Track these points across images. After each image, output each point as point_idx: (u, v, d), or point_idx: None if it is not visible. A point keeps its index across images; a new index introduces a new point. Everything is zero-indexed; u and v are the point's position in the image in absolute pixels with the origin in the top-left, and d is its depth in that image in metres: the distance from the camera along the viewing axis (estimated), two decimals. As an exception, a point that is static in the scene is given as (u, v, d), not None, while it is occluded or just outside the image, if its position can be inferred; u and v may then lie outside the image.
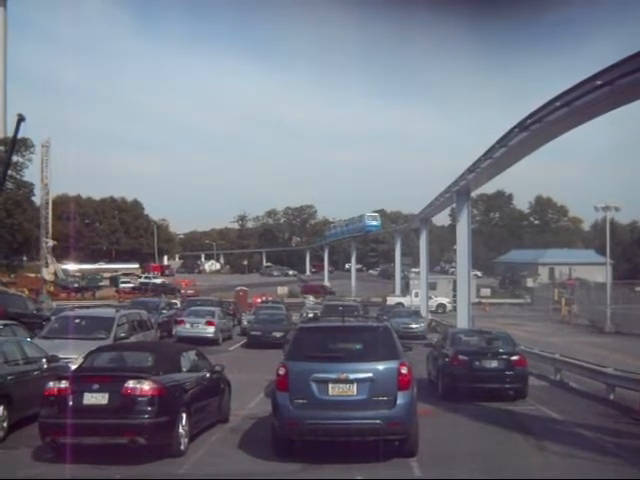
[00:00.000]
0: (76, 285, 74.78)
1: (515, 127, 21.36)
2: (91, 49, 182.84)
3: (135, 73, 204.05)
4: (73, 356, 15.06)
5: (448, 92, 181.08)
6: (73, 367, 13.31)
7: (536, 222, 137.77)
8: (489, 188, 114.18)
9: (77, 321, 18.63)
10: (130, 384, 10.58)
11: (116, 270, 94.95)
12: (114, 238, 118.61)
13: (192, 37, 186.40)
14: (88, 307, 32.29)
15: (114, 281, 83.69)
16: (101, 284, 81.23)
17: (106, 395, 10.54)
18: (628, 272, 75.88)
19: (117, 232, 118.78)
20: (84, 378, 11.02)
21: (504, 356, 17.65)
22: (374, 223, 75.61)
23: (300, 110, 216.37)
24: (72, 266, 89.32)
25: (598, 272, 63.10)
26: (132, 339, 18.20)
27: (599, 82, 14.70)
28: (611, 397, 17.37)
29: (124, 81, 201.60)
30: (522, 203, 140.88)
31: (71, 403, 10.46)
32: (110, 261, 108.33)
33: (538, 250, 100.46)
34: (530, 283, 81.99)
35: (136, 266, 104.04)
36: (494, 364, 17.50)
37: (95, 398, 10.54)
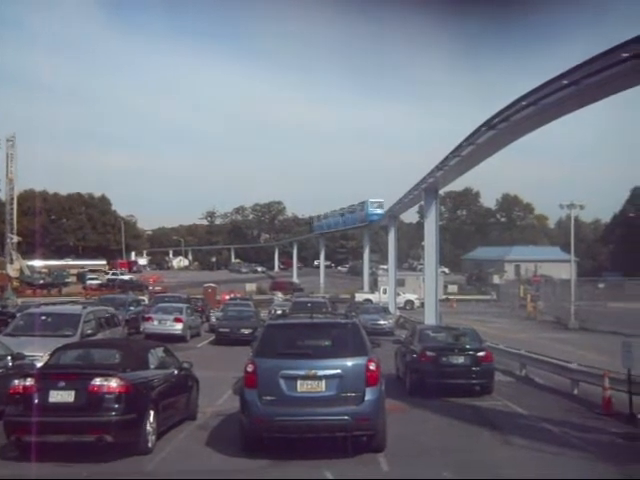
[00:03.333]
0: (42, 282, 73.71)
1: (482, 125, 21.55)
2: (62, 44, 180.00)
3: (106, 69, 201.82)
4: (39, 354, 14.84)
5: (423, 90, 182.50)
6: (39, 365, 13.13)
7: (502, 219, 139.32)
8: (457, 186, 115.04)
9: (43, 318, 18.38)
10: (97, 381, 10.50)
11: (83, 266, 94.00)
12: (81, 234, 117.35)
13: (168, 34, 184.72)
14: (54, 304, 31.97)
15: (81, 278, 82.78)
16: (68, 281, 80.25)
17: (72, 393, 10.44)
18: (592, 269, 77.15)
19: (84, 228, 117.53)
20: (50, 376, 10.91)
21: (471, 352, 17.84)
22: (378, 211, 65.03)
23: (272, 106, 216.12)
24: (38, 262, 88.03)
25: (563, 269, 64.01)
26: (99, 336, 18.01)
27: (565, 81, 14.88)
28: (575, 392, 17.66)
29: (95, 77, 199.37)
30: (489, 201, 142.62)
31: (37, 401, 10.35)
32: (77, 257, 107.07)
33: (504, 247, 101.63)
34: (496, 280, 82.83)
35: (103, 262, 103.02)
36: (461, 360, 17.67)
37: (61, 396, 10.44)
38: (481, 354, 17.83)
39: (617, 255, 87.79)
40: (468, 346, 18.19)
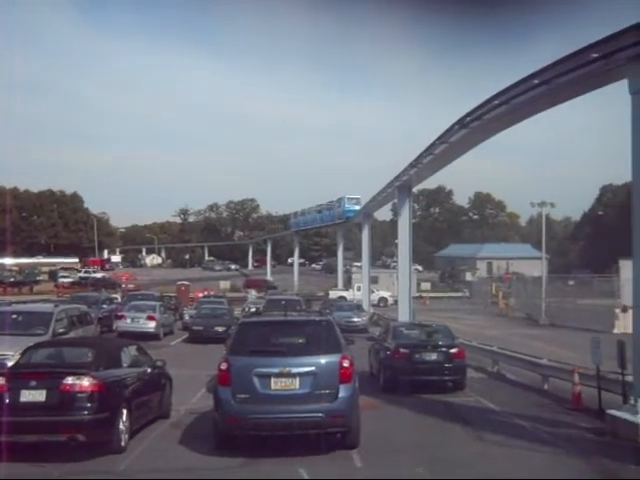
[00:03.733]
0: (12, 279, 72.77)
1: (455, 124, 21.71)
2: (31, 39, 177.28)
3: (78, 65, 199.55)
4: (9, 353, 14.68)
5: (397, 89, 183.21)
6: (10, 364, 13.00)
7: (475, 217, 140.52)
8: (430, 184, 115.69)
9: (14, 316, 18.11)
10: (69, 380, 10.42)
11: (55, 264, 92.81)
12: (53, 232, 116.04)
13: (138, 28, 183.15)
14: (25, 302, 31.61)
15: (53, 276, 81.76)
16: (39, 279, 79.25)
17: (44, 392, 10.36)
18: (562, 266, 78.03)
19: (56, 226, 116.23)
20: (21, 375, 10.81)
21: (444, 349, 17.98)
22: (355, 208, 62.75)
23: (245, 103, 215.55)
24: (9, 260, 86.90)
25: (534, 266, 64.66)
26: (71, 334, 17.84)
27: (536, 81, 15.04)
28: (546, 388, 17.90)
29: (65, 72, 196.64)
30: (462, 198, 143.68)
31: (7, 400, 10.25)
32: (48, 255, 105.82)
33: (477, 245, 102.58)
34: (469, 277, 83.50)
35: (75, 260, 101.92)
36: (434, 357, 17.82)
37: (32, 395, 10.35)
38: (454, 351, 17.99)
39: (586, 252, 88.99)
40: (441, 343, 18.33)
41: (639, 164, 12.49)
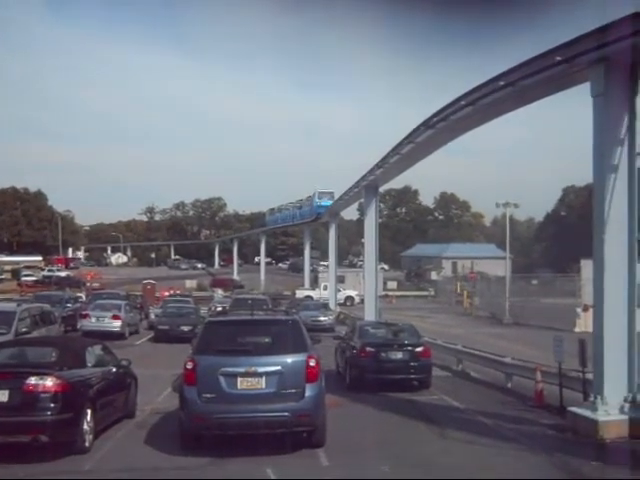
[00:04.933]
0: (-26, 278, 71.53)
1: (422, 125, 21.85)
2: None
3: (41, 61, 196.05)
4: (-30, 352, 14.42)
5: (365, 88, 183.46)
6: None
7: (440, 217, 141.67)
8: (396, 183, 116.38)
9: (-25, 316, 17.84)
10: (32, 380, 10.30)
11: (18, 262, 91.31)
12: (16, 230, 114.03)
13: (106, 25, 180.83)
14: (-14, 301, 31.03)
15: (16, 274, 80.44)
16: (2, 277, 77.99)
17: (6, 392, 10.22)
18: (526, 266, 79.06)
19: (19, 224, 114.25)
20: (-17, 375, 10.63)
21: (409, 347, 18.13)
22: (328, 203, 56.47)
23: (213, 102, 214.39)
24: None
25: (498, 266, 65.45)
26: (34, 334, 17.61)
27: (502, 82, 15.21)
28: (509, 385, 18.15)
29: (30, 69, 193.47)
30: (428, 198, 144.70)
31: (-31, 401, 10.09)
32: (11, 253, 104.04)
33: (442, 244, 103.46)
34: (434, 276, 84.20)
35: (39, 259, 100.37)
36: (400, 355, 17.96)
37: (-5, 395, 10.20)
38: (419, 349, 18.15)
39: (549, 252, 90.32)
40: (407, 342, 18.48)
41: (600, 165, 12.75)
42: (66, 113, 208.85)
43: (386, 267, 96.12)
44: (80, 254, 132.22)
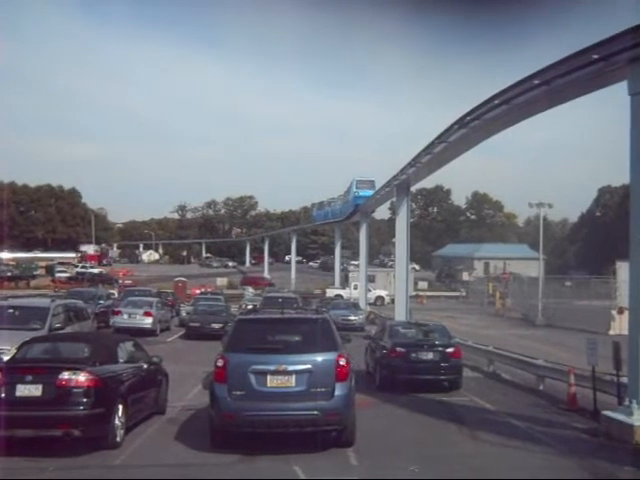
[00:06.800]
0: (10, 274, 72.63)
1: (455, 124, 21.68)
2: (27, 33, 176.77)
3: (74, 58, 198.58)
4: (6, 347, 14.61)
5: (396, 88, 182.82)
6: (6, 358, 12.96)
7: (472, 217, 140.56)
8: (428, 183, 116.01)
9: (10, 311, 18.04)
10: (65, 375, 10.42)
11: (52, 259, 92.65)
12: (50, 226, 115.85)
13: (135, 22, 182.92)
14: (22, 297, 31.55)
15: (50, 270, 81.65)
16: (36, 273, 79.16)
17: (40, 387, 10.35)
18: (559, 267, 78.16)
19: (53, 220, 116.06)
20: (17, 369, 10.78)
21: (440, 348, 18.01)
22: (368, 193, 49.33)
23: (244, 101, 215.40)
24: (6, 254, 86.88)
25: (531, 267, 64.76)
26: (68, 329, 17.80)
27: (537, 81, 15.03)
28: (541, 388, 17.93)
29: (62, 66, 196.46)
30: (460, 198, 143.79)
31: (3, 395, 10.25)
32: (46, 250, 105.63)
33: (474, 244, 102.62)
34: (466, 277, 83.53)
35: (73, 255, 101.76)
36: (430, 356, 17.85)
37: (28, 390, 10.34)
38: (450, 350, 18.02)
39: (584, 254, 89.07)
40: (437, 342, 18.36)
41: (637, 165, 12.51)
42: (100, 112, 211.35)
43: (417, 267, 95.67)
44: (112, 252, 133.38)
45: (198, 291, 54.68)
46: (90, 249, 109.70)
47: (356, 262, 66.47)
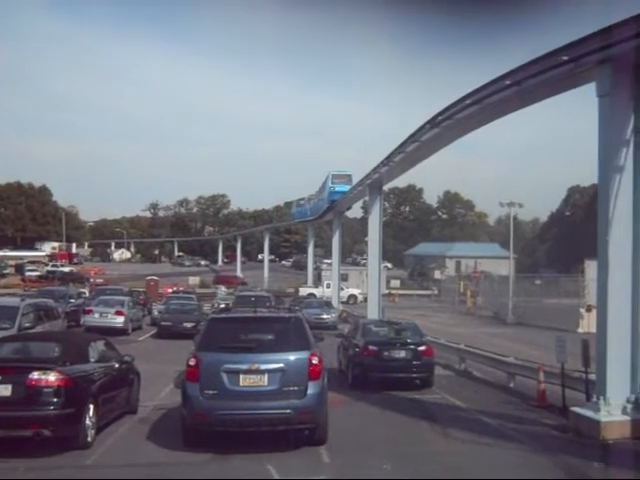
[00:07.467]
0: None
1: (427, 123, 21.78)
2: (3, 29, 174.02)
3: (47, 54, 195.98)
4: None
5: (369, 87, 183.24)
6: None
7: (444, 216, 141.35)
8: (401, 182, 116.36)
9: (-22, 310, 17.87)
10: (35, 375, 10.31)
11: (22, 257, 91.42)
12: (20, 225, 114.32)
13: (113, 19, 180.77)
14: (-10, 296, 31.09)
15: (20, 269, 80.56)
16: (5, 272, 78.09)
17: (9, 387, 10.24)
18: (529, 266, 79.01)
19: (23, 219, 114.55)
20: (-14, 369, 10.65)
21: (412, 346, 18.12)
22: (344, 188, 46.78)
23: (216, 99, 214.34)
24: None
25: (502, 265, 65.33)
26: (38, 329, 17.64)
27: (508, 82, 15.17)
28: (511, 385, 18.14)
29: (35, 63, 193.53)
30: (432, 197, 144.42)
31: (-28, 395, 10.11)
32: (15, 248, 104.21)
33: (446, 243, 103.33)
34: (437, 275, 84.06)
35: (43, 254, 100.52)
36: (402, 354, 17.95)
37: (-2, 390, 10.21)
38: (422, 348, 18.14)
39: (553, 252, 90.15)
40: (409, 340, 18.47)
41: (605, 166, 12.72)
42: (71, 109, 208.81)
43: (389, 266, 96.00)
44: (73, 248, 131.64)
45: (170, 290, 54.39)
46: (47, 248, 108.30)
47: (329, 261, 66.58)
